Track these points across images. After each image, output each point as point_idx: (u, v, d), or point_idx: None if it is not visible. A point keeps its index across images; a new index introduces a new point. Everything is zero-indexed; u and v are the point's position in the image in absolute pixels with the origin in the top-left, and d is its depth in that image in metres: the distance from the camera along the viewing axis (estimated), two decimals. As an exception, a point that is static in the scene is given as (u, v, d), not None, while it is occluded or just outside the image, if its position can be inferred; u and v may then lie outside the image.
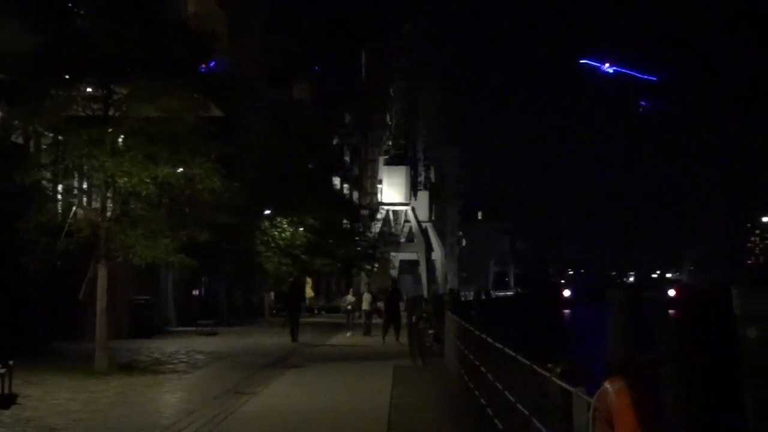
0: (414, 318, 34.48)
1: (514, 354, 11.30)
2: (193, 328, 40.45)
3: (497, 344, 13.16)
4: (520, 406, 10.52)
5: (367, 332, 39.16)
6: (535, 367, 9.39)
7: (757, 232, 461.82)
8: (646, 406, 5.80)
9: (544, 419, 8.96)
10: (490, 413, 13.90)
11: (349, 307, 41.18)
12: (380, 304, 40.73)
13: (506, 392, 11.92)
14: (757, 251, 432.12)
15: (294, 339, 36.02)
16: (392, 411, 17.35)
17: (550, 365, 8.94)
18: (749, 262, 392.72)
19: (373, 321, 39.83)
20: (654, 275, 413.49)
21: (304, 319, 43.02)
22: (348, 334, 39.33)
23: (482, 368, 15.50)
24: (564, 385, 7.65)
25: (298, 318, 37.59)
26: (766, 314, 5.99)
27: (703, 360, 36.11)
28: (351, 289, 45.97)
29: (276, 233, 53.60)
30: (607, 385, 5.91)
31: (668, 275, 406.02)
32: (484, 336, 15.42)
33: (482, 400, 15.33)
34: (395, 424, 15.90)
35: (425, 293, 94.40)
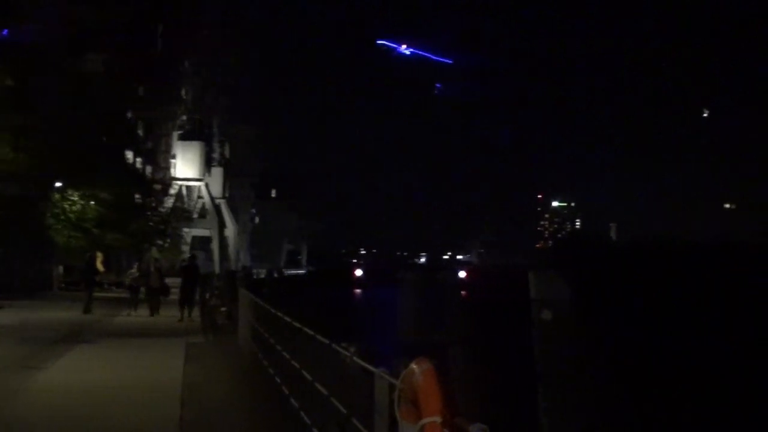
0: (207, 295, 34.33)
1: (312, 333, 11.40)
2: (-22, 301, 39.29)
3: (295, 323, 13.25)
4: (318, 385, 10.62)
5: (154, 311, 37.93)
6: (335, 346, 9.51)
7: (547, 216, 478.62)
8: (450, 387, 5.98)
9: (343, 398, 9.08)
10: (286, 392, 13.99)
11: (132, 282, 40.02)
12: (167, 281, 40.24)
13: (303, 371, 12.02)
14: (546, 235, 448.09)
15: (87, 311, 35.81)
16: (185, 388, 17.26)
17: (344, 345, 9.08)
18: (538, 246, 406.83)
19: (161, 299, 38.91)
20: (445, 257, 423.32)
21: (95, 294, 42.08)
22: (129, 312, 37.99)
23: (278, 347, 15.58)
24: (366, 365, 7.78)
25: (92, 292, 37.73)
26: (561, 297, 6.24)
27: (494, 342, 37.04)
28: (136, 264, 44.94)
29: (66, 206, 52.54)
30: (413, 365, 6.05)
31: (459, 257, 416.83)
32: (281, 315, 15.51)
33: (277, 379, 15.42)
34: (188, 400, 15.82)
35: (217, 270, 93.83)
